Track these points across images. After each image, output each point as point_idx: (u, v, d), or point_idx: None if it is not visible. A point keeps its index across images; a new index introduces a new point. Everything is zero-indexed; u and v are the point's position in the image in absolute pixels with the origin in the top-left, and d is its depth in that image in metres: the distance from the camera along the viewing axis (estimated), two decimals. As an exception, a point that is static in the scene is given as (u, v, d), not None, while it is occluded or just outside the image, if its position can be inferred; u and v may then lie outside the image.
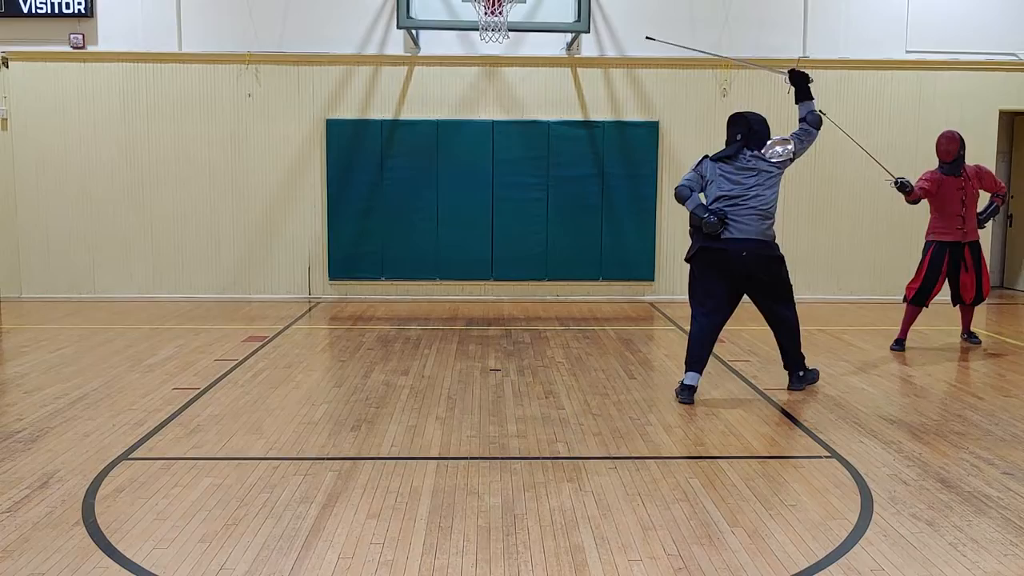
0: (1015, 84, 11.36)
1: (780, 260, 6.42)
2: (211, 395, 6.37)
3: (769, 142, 6.37)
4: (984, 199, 8.50)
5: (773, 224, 6.31)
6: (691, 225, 6.40)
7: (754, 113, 6.49)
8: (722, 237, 6.20)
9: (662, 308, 10.76)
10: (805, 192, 11.35)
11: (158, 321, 9.52)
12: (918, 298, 8.11)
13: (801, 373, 6.67)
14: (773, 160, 6.29)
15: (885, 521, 4.09)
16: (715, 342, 6.47)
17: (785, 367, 6.72)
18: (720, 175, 6.29)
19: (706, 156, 6.44)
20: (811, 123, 6.49)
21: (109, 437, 5.32)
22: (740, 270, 6.24)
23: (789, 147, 6.35)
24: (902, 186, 7.78)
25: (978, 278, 8.10)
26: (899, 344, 8.22)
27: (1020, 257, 12.53)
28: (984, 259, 8.23)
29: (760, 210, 6.20)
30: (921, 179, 8.03)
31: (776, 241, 6.38)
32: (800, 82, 6.66)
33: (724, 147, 6.42)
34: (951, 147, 8.00)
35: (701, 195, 6.40)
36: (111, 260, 11.18)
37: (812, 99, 6.63)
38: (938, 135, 8.18)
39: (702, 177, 6.37)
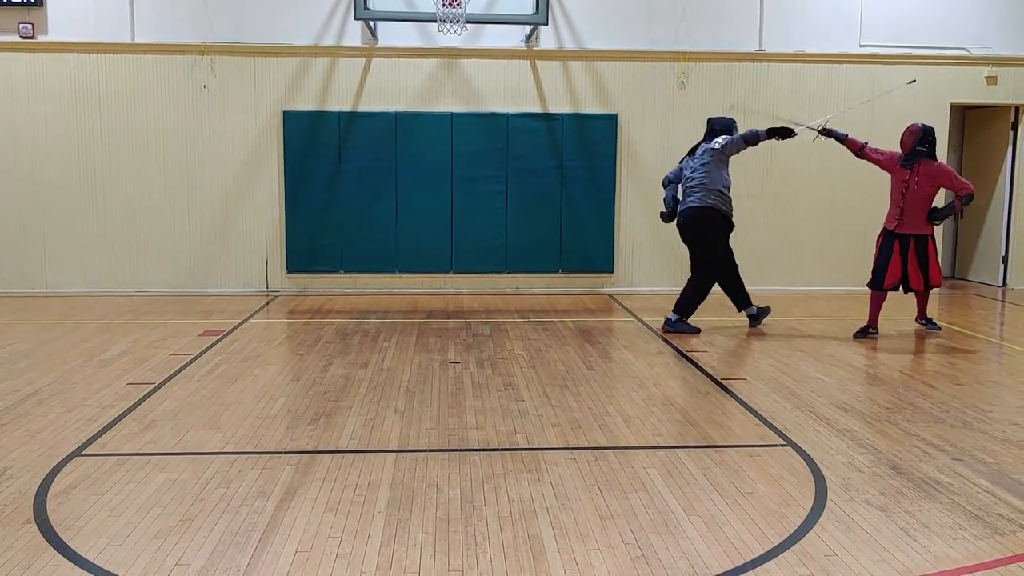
0: (966, 78, 11.57)
1: (708, 225, 8.25)
2: (166, 390, 6.30)
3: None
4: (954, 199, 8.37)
5: (714, 196, 8.21)
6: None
7: (719, 117, 8.65)
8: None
9: (621, 300, 10.82)
10: (764, 184, 11.46)
11: (112, 316, 9.38)
12: (872, 281, 8.30)
13: (673, 319, 8.48)
14: (714, 146, 8.23)
15: (839, 507, 4.15)
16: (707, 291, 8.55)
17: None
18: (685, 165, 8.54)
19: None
20: (747, 136, 8.19)
21: (61, 433, 5.24)
22: (681, 230, 8.49)
23: (719, 140, 8.24)
24: (827, 133, 8.38)
25: (924, 270, 8.14)
26: (863, 331, 8.37)
27: (971, 248, 12.78)
28: (932, 253, 8.21)
29: (700, 185, 8.24)
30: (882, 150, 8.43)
31: (721, 211, 8.28)
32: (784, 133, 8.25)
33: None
34: (906, 139, 8.13)
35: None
36: (63, 254, 10.99)
37: (780, 136, 8.23)
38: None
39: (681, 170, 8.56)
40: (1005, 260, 12.15)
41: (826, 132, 8.34)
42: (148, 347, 7.78)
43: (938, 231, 11.45)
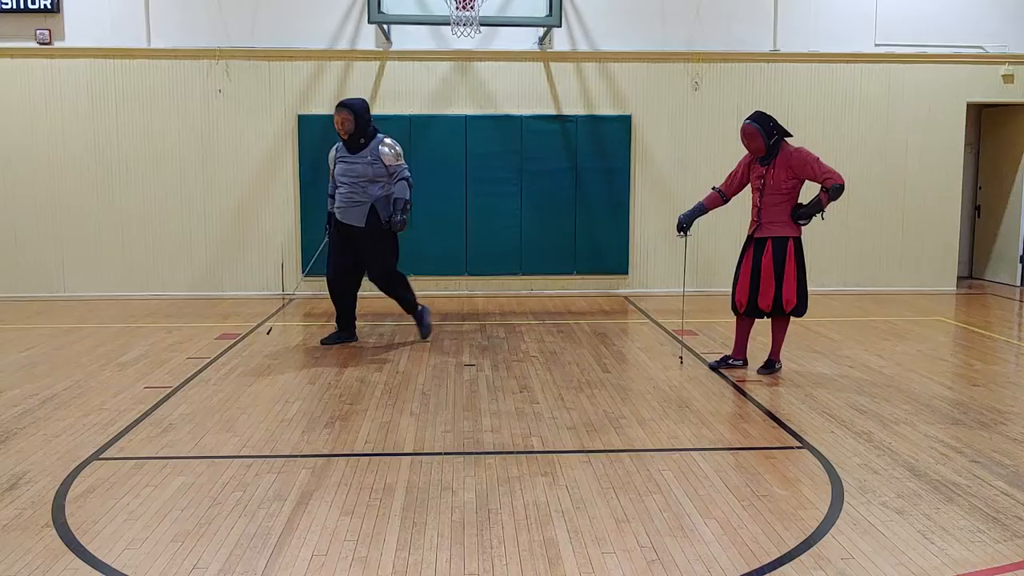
0: (982, 77, 11.49)
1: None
2: (183, 393, 6.33)
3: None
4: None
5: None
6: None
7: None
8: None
9: (636, 301, 10.80)
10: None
11: (129, 319, 9.43)
12: (732, 304, 6.96)
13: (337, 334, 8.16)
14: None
15: (855, 510, 4.14)
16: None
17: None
18: None
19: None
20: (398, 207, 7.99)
21: (79, 437, 5.28)
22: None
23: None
24: (682, 229, 7.06)
25: (779, 282, 6.64)
26: (723, 360, 7.17)
27: (988, 248, 12.68)
28: (791, 262, 6.65)
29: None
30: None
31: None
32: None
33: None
34: (754, 145, 6.69)
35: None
36: (81, 258, 11.06)
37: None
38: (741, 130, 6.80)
39: None
40: (1023, 260, 12.06)
41: (684, 229, 7.06)
42: (165, 350, 7.82)
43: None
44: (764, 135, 6.63)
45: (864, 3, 11.31)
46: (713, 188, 7.10)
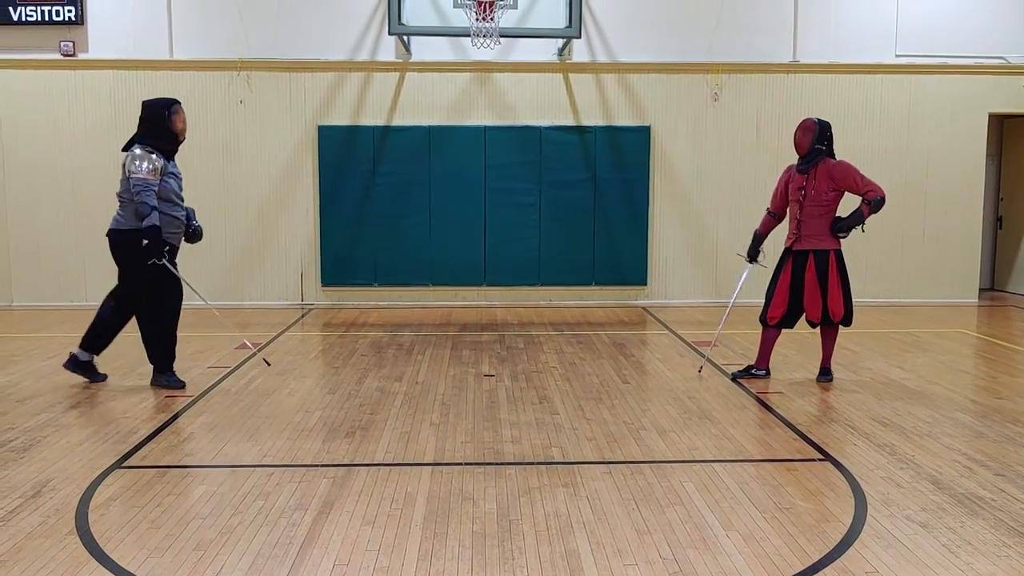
0: (1004, 87, 11.43)
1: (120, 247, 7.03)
2: (204, 403, 6.36)
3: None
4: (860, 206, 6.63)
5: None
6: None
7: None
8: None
9: (655, 312, 10.78)
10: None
11: (150, 328, 9.47)
12: (761, 316, 6.99)
13: (82, 357, 6.93)
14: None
15: (879, 523, 4.10)
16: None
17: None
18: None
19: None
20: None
21: (102, 446, 5.30)
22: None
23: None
24: (751, 258, 7.14)
25: (823, 294, 6.64)
26: (746, 370, 7.18)
27: (1010, 260, 12.59)
28: (834, 275, 6.65)
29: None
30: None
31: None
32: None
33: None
34: (802, 139, 6.68)
35: None
36: (102, 267, 11.08)
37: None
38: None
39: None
40: (1046, 271, 11.98)
41: (753, 258, 7.15)
42: (185, 360, 7.84)
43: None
44: (816, 136, 6.63)
45: (884, 14, 11.28)
46: (766, 211, 7.13)
